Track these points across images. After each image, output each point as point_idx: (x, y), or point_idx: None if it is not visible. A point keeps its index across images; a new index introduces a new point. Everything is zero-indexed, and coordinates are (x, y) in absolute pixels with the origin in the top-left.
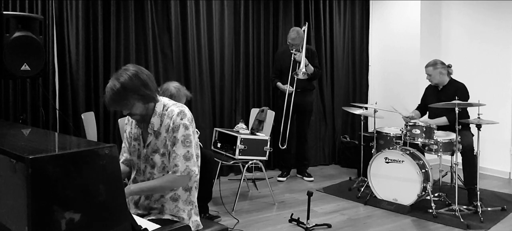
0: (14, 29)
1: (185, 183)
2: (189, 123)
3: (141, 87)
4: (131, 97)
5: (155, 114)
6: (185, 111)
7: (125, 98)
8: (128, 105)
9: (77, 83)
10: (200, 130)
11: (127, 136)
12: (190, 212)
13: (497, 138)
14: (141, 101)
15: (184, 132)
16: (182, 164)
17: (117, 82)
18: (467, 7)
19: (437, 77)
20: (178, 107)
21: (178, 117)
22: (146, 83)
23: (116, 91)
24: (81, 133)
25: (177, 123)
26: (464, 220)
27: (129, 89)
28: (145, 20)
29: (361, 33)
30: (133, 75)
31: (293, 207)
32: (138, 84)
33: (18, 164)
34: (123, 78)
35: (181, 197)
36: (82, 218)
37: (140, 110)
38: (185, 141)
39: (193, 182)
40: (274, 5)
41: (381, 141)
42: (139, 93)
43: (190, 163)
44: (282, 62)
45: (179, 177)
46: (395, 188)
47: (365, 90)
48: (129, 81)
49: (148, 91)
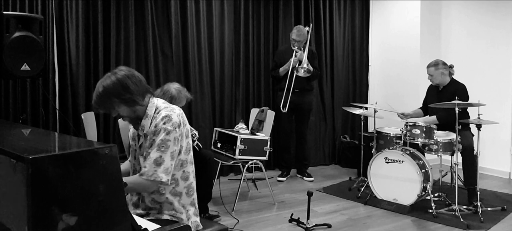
0: (14, 29)
1: (152, 187)
2: (173, 128)
3: (122, 91)
4: (113, 101)
5: (146, 116)
6: (171, 116)
7: (107, 101)
8: (112, 108)
9: (77, 83)
10: (200, 129)
11: (130, 135)
12: (188, 213)
13: (497, 138)
14: (124, 105)
15: (164, 136)
16: (150, 167)
17: (101, 86)
18: (467, 7)
19: (439, 77)
20: (167, 111)
21: (162, 121)
22: (128, 87)
23: (99, 94)
24: (81, 133)
25: (159, 127)
26: (464, 220)
27: (110, 93)
28: (145, 20)
29: (361, 33)
30: (116, 79)
31: (293, 207)
32: (119, 89)
33: (18, 164)
34: (106, 83)
35: (173, 202)
36: (82, 218)
37: (127, 113)
38: (161, 145)
39: (183, 188)
40: (274, 5)
41: (381, 141)
42: (121, 97)
43: (159, 169)
44: (282, 61)
45: (145, 180)
46: (395, 188)
47: (365, 90)
48: (111, 85)
49: (129, 95)
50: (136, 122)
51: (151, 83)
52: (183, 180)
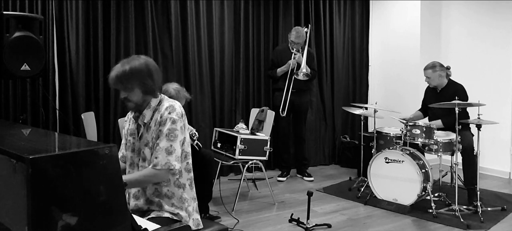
0: (14, 29)
1: (165, 177)
2: (178, 117)
3: (147, 77)
4: (134, 81)
5: (149, 107)
6: (174, 106)
7: (129, 80)
8: (128, 88)
9: (77, 83)
10: (200, 129)
11: (125, 133)
12: (188, 209)
13: (497, 138)
14: (141, 89)
15: (170, 126)
16: (162, 157)
17: (127, 64)
18: (467, 7)
19: (436, 79)
20: (169, 102)
21: (167, 110)
22: (152, 75)
23: (123, 71)
24: (81, 133)
25: (165, 117)
26: (464, 220)
27: (135, 73)
28: (145, 20)
29: (361, 33)
30: (145, 63)
31: (293, 207)
32: (145, 73)
33: (18, 164)
34: (134, 63)
35: (175, 194)
36: (82, 218)
37: (137, 98)
38: (169, 134)
39: (186, 179)
40: (274, 5)
41: (381, 141)
42: (142, 81)
43: (171, 157)
44: (279, 60)
45: (159, 170)
46: (395, 188)
47: (365, 90)
48: (138, 67)
49: (151, 82)
50: (138, 110)
51: None
52: (187, 171)
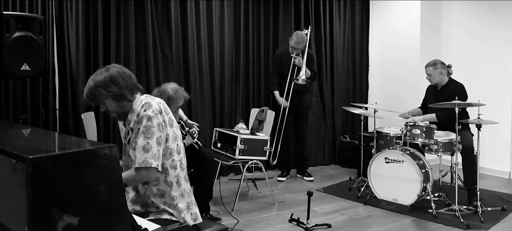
0: (14, 29)
1: (151, 176)
2: (154, 114)
3: (111, 85)
4: (102, 94)
5: (132, 111)
6: (150, 103)
7: (96, 94)
8: (100, 101)
9: (77, 83)
10: (200, 130)
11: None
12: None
13: (497, 138)
14: (112, 99)
15: (146, 123)
16: (140, 155)
17: (92, 79)
18: (467, 7)
19: (437, 77)
20: (146, 99)
21: (142, 108)
22: (116, 81)
23: (89, 88)
24: (81, 133)
25: (141, 115)
26: (464, 220)
27: (100, 85)
28: (145, 20)
29: (361, 33)
30: (107, 73)
31: (293, 207)
32: (108, 82)
33: (18, 164)
34: (97, 77)
35: (166, 192)
36: (82, 218)
37: (114, 107)
38: (146, 132)
39: (173, 177)
40: (274, 5)
41: (381, 141)
42: (108, 90)
43: (148, 155)
44: (279, 66)
45: (137, 169)
46: (395, 188)
47: (365, 90)
48: (101, 78)
49: (117, 88)
50: (123, 117)
51: (151, 83)
52: (173, 169)
